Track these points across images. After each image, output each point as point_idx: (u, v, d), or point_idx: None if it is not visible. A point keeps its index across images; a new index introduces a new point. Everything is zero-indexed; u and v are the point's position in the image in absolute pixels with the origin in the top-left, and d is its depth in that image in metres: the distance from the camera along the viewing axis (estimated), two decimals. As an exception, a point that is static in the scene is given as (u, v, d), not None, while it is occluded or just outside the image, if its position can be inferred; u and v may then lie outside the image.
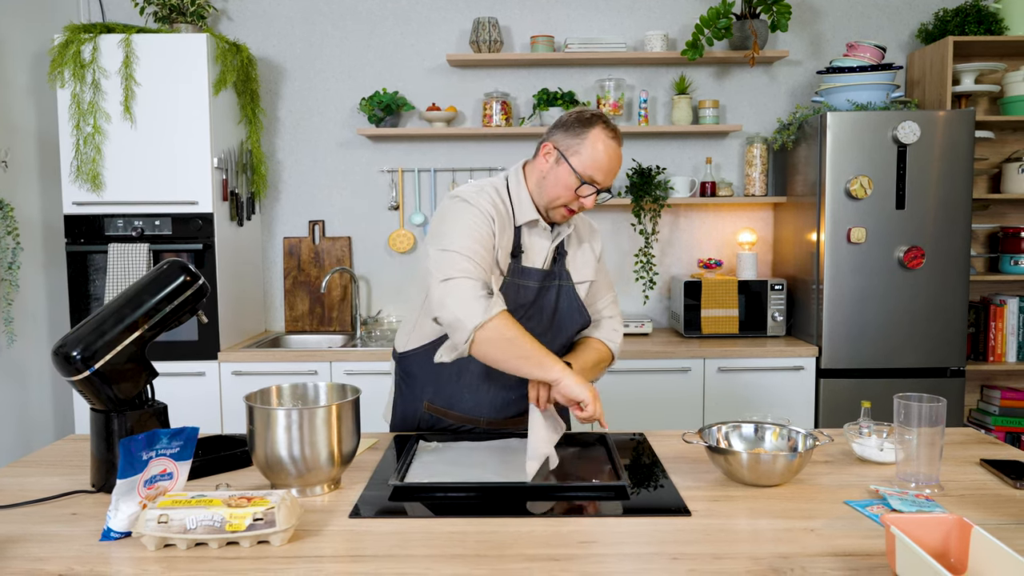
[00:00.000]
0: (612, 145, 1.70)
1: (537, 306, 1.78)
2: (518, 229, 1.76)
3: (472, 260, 1.60)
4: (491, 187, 1.76)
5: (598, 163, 1.68)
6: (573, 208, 1.73)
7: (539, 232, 1.78)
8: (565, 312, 1.81)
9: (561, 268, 1.81)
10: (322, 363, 3.12)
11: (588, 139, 1.69)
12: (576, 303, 1.82)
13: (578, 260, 1.85)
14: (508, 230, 1.73)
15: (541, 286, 1.77)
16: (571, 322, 1.82)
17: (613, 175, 1.72)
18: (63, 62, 2.99)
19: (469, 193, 1.72)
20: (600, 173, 1.69)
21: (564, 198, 1.72)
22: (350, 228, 3.70)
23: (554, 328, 1.80)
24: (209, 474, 1.59)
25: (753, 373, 3.13)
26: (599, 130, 1.69)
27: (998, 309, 3.40)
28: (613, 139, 1.70)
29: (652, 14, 3.62)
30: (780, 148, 3.51)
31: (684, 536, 1.26)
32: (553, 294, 1.79)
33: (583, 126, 1.70)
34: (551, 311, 1.79)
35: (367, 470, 1.60)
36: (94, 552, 1.22)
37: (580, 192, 1.70)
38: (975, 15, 3.34)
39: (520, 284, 1.75)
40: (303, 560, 1.18)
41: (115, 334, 1.49)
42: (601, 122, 1.71)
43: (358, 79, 3.64)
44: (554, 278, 1.80)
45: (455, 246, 1.62)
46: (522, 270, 1.75)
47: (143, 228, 3.09)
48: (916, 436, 1.44)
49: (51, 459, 1.72)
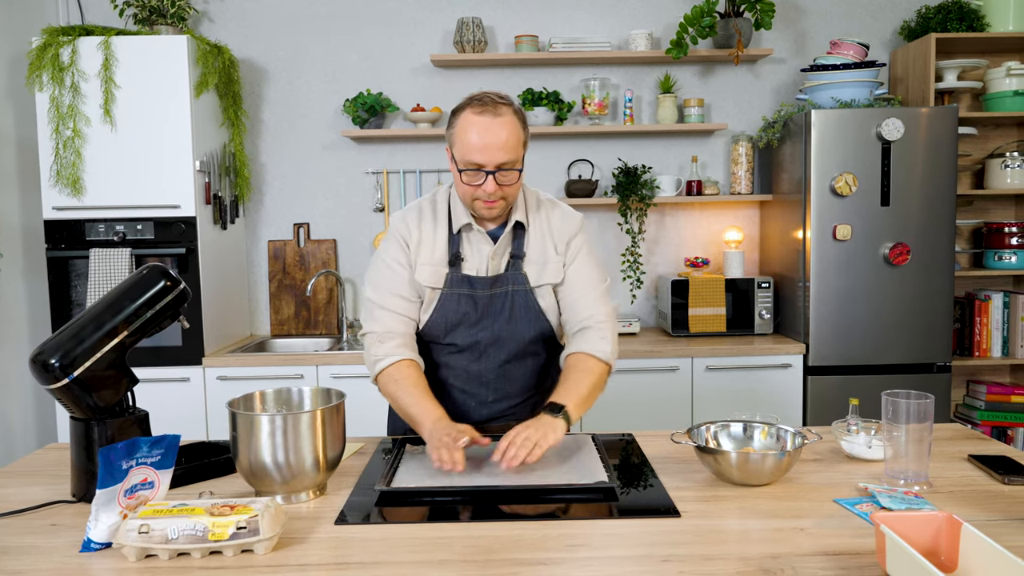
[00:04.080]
0: (482, 121, 1.58)
1: (486, 314, 1.72)
2: (457, 236, 1.73)
3: (384, 309, 1.73)
4: (427, 202, 1.79)
5: (471, 144, 1.59)
6: (484, 199, 1.64)
7: (477, 237, 1.73)
8: (521, 318, 1.73)
9: (516, 272, 1.73)
10: (308, 367, 3.10)
11: (458, 125, 1.63)
12: (534, 309, 1.73)
13: (538, 262, 1.74)
14: (440, 244, 1.72)
15: (490, 293, 1.71)
16: (528, 328, 1.74)
17: (497, 150, 1.58)
18: (41, 65, 2.95)
19: (395, 222, 1.77)
20: (477, 153, 1.59)
21: (468, 192, 1.65)
22: (335, 230, 3.68)
23: (508, 336, 1.73)
24: (192, 482, 1.56)
25: (741, 371, 3.13)
26: (467, 112, 1.61)
27: (983, 304, 3.42)
28: (483, 114, 1.59)
29: (636, 13, 3.62)
30: (765, 146, 3.52)
31: (674, 537, 1.25)
32: (504, 301, 1.72)
33: (455, 115, 1.65)
34: (505, 319, 1.72)
35: (353, 475, 1.58)
36: (74, 564, 1.20)
37: (468, 181, 1.62)
38: (957, 12, 3.36)
39: (460, 294, 1.70)
40: (288, 569, 1.16)
41: (94, 341, 1.47)
42: (471, 103, 1.62)
43: (342, 80, 3.62)
44: (505, 283, 1.72)
45: (372, 295, 1.76)
46: (462, 279, 1.71)
47: (125, 233, 3.05)
48: (904, 433, 1.44)
49: (31, 468, 1.69)
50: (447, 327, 1.75)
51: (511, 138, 1.60)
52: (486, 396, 1.80)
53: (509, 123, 1.61)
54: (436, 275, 1.71)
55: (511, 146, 1.61)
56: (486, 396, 1.80)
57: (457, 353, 1.77)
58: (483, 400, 1.81)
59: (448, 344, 1.77)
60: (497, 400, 1.81)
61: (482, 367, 1.77)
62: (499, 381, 1.79)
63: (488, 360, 1.77)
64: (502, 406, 1.82)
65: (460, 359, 1.78)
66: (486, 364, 1.77)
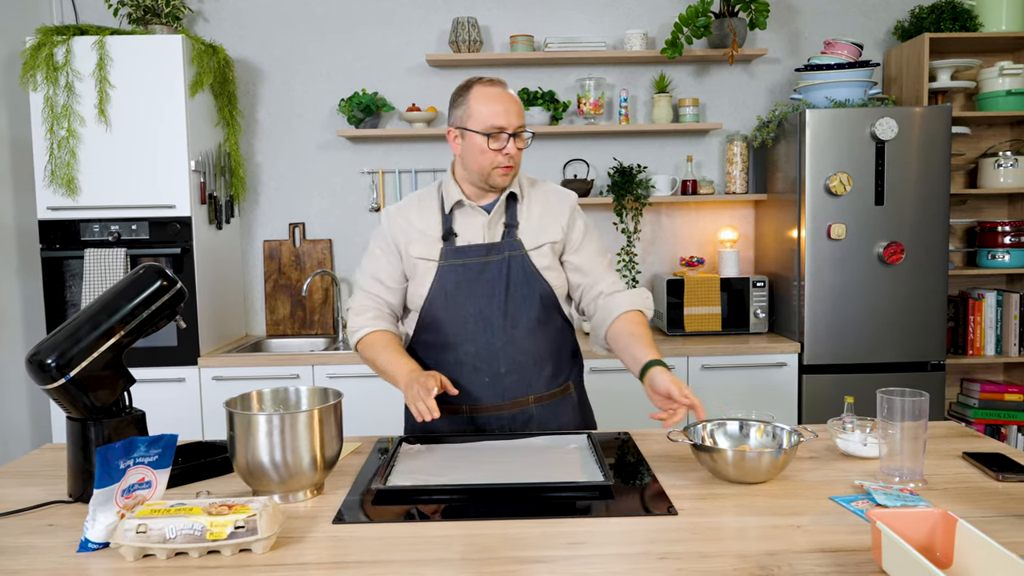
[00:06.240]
0: (495, 90, 1.75)
1: (485, 281, 1.79)
2: (449, 216, 1.84)
3: (361, 289, 1.91)
4: (415, 194, 1.92)
5: (493, 111, 1.73)
6: (505, 164, 1.76)
7: (470, 212, 1.84)
8: (519, 281, 1.81)
9: (511, 239, 1.82)
10: (304, 367, 3.09)
11: (471, 99, 1.76)
12: (530, 269, 1.81)
13: (532, 228, 1.84)
14: (432, 224, 1.84)
15: (485, 260, 1.80)
16: (527, 289, 1.81)
17: (515, 115, 1.74)
18: (35, 65, 2.94)
19: (384, 213, 1.92)
20: (499, 118, 1.73)
21: (489, 161, 1.75)
22: (331, 230, 3.68)
23: (509, 300, 1.80)
24: (189, 481, 1.56)
25: (736, 370, 3.14)
26: (479, 86, 1.76)
27: (976, 303, 3.44)
28: (493, 85, 1.76)
29: (631, 13, 3.62)
30: (760, 146, 3.53)
31: (671, 535, 1.25)
32: (501, 266, 1.80)
33: (462, 93, 1.79)
34: (503, 284, 1.80)
35: (350, 474, 1.58)
36: (71, 564, 1.20)
37: (494, 146, 1.74)
38: (950, 12, 3.38)
39: (455, 264, 1.80)
40: (286, 568, 1.16)
41: (91, 341, 1.46)
42: (479, 80, 1.78)
43: (337, 80, 3.62)
44: (501, 250, 1.80)
45: (357, 277, 1.96)
46: (456, 250, 1.81)
47: (120, 233, 3.05)
48: (899, 431, 1.44)
49: (27, 469, 1.69)
50: (447, 298, 1.80)
51: (518, 105, 1.78)
52: (498, 367, 1.81)
53: (513, 94, 1.79)
54: (430, 250, 1.82)
55: (521, 111, 1.78)
56: (498, 367, 1.81)
57: (462, 327, 1.80)
58: (496, 372, 1.81)
59: (452, 319, 1.80)
60: (509, 371, 1.81)
61: (489, 336, 1.80)
62: (508, 348, 1.80)
63: (493, 329, 1.80)
64: (514, 379, 1.82)
65: (466, 333, 1.81)
66: (492, 333, 1.80)
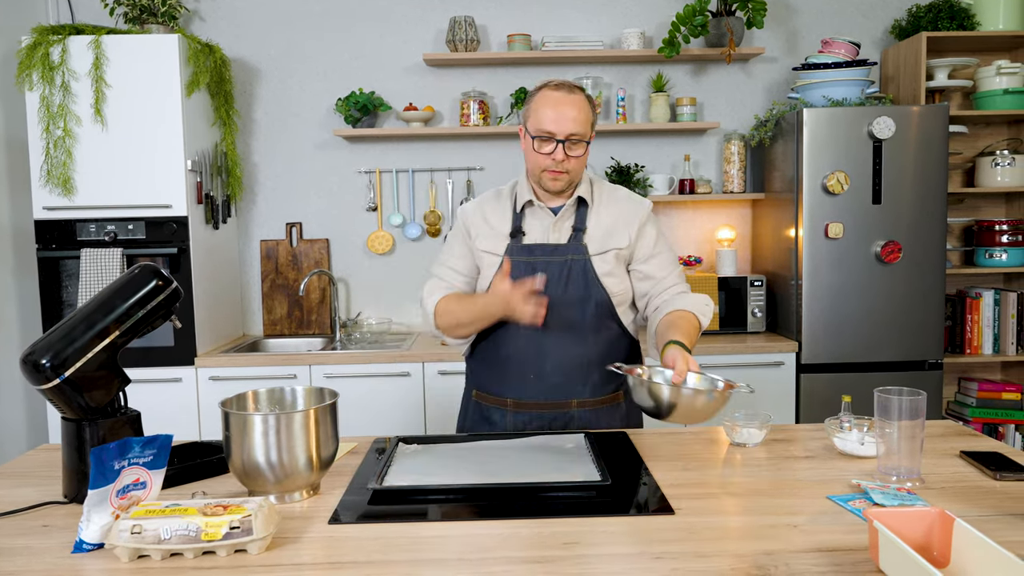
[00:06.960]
0: (556, 95, 1.76)
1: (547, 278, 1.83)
2: (520, 214, 1.89)
3: (438, 279, 1.96)
4: (492, 192, 1.98)
5: (545, 115, 1.76)
6: (554, 169, 1.79)
7: (538, 212, 1.89)
8: (578, 284, 1.84)
9: (577, 243, 1.85)
10: (301, 367, 3.09)
11: (535, 100, 1.80)
12: (590, 274, 1.84)
13: (600, 233, 1.87)
14: (503, 221, 1.90)
15: (547, 260, 1.84)
16: (583, 294, 1.84)
17: (569, 122, 1.75)
18: (31, 64, 2.94)
19: (460, 212, 1.99)
20: (549, 123, 1.75)
21: (538, 163, 1.80)
22: (328, 230, 3.67)
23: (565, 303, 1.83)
24: (185, 482, 1.56)
25: (734, 369, 3.14)
26: (545, 89, 1.80)
27: (974, 302, 3.44)
28: (558, 90, 1.78)
29: (628, 12, 3.62)
30: (758, 145, 3.53)
31: (668, 535, 1.25)
32: (562, 268, 1.84)
33: (532, 95, 1.83)
34: (561, 285, 1.83)
35: (346, 475, 1.58)
36: (66, 565, 1.19)
37: (540, 150, 1.77)
38: (948, 11, 3.38)
39: (519, 261, 1.85)
40: (282, 568, 1.16)
41: (85, 341, 1.46)
42: (549, 83, 1.81)
43: (334, 80, 3.61)
44: (564, 252, 1.85)
45: (435, 271, 1.99)
46: (521, 247, 1.87)
47: (116, 232, 3.04)
48: (897, 430, 1.44)
49: (22, 470, 1.68)
50: None
51: (580, 114, 1.77)
52: (544, 367, 1.84)
53: (580, 101, 1.78)
54: (496, 245, 1.89)
55: (580, 120, 1.77)
56: (544, 367, 1.84)
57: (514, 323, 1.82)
58: (541, 371, 1.85)
59: None
60: (555, 372, 1.85)
61: (540, 336, 1.83)
62: (556, 350, 1.84)
63: (544, 328, 1.82)
64: (559, 380, 1.85)
65: (516, 329, 1.84)
66: (542, 333, 1.83)
